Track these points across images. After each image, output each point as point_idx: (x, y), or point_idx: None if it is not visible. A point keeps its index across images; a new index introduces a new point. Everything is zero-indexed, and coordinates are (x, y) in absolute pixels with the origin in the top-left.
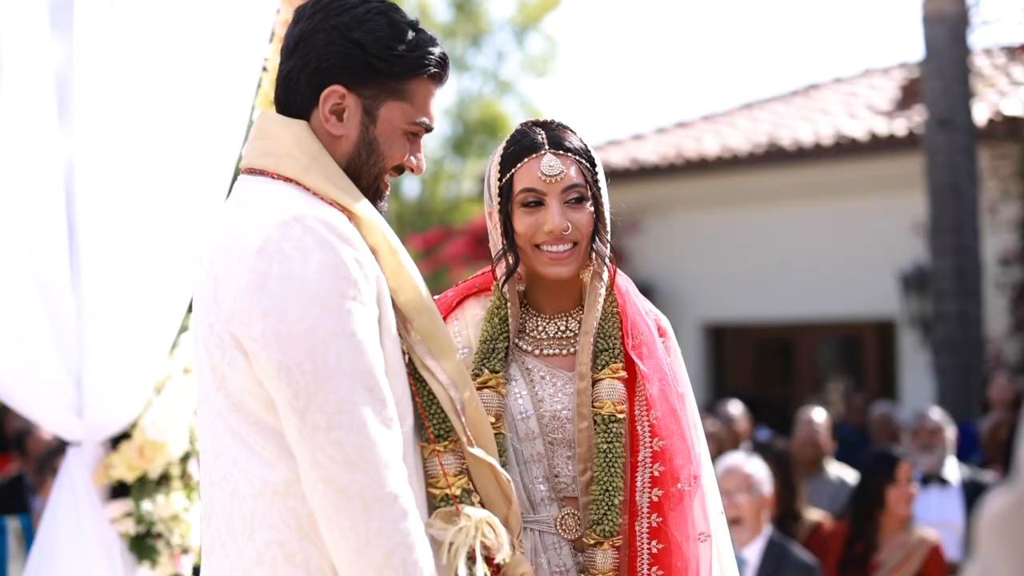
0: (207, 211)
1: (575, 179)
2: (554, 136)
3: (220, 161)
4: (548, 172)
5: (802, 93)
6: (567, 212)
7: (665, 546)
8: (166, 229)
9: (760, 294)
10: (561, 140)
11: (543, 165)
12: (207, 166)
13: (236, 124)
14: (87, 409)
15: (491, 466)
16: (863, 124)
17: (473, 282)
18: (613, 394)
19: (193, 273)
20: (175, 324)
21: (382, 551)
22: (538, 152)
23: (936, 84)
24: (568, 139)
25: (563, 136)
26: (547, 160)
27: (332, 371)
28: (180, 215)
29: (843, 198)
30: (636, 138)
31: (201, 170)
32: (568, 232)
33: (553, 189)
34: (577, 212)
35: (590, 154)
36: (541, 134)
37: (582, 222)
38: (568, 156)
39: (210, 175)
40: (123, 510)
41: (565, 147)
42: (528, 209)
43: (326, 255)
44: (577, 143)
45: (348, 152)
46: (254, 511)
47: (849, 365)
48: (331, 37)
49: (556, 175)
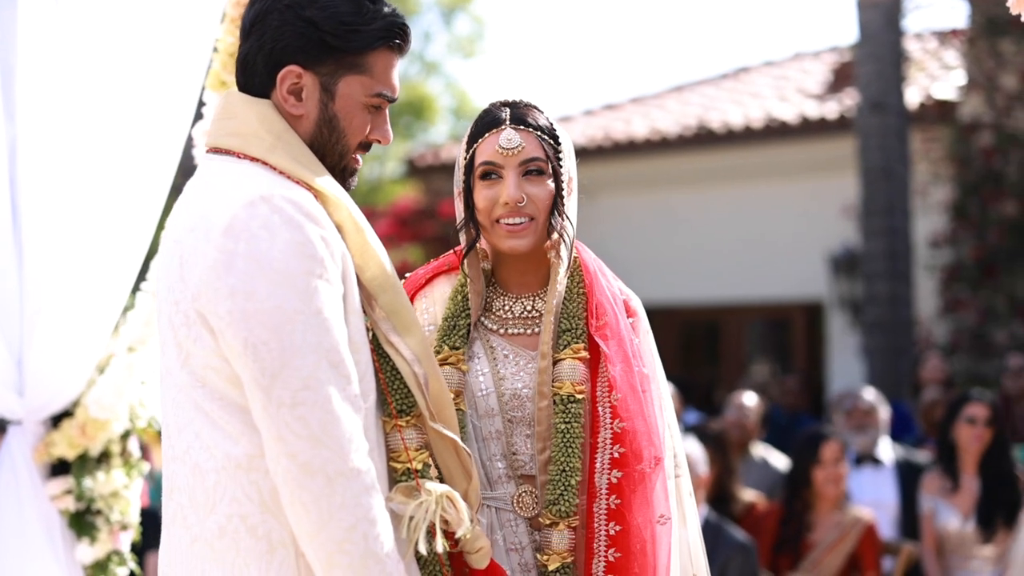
0: (153, 192)
1: (533, 153)
2: (517, 113)
3: (168, 142)
4: (506, 145)
5: (732, 76)
6: (524, 185)
7: (623, 528)
8: (110, 209)
9: (688, 276)
10: (523, 116)
11: (501, 139)
12: (154, 147)
13: (185, 105)
14: (28, 388)
15: (452, 441)
16: (794, 107)
17: (444, 260)
18: (573, 374)
19: (138, 253)
20: (119, 303)
21: (344, 525)
22: (499, 127)
23: (869, 68)
24: (531, 116)
25: (526, 113)
26: (506, 134)
27: (297, 348)
28: (125, 195)
29: (773, 181)
30: (564, 120)
31: (148, 151)
32: (523, 204)
33: (510, 162)
34: (534, 185)
35: (555, 132)
36: (505, 111)
37: (539, 196)
38: (529, 131)
39: (157, 156)
40: (63, 487)
41: (527, 123)
42: (486, 182)
43: (292, 234)
44: (543, 121)
45: (310, 131)
46: (216, 485)
47: (777, 347)
48: (284, 17)
49: (513, 148)
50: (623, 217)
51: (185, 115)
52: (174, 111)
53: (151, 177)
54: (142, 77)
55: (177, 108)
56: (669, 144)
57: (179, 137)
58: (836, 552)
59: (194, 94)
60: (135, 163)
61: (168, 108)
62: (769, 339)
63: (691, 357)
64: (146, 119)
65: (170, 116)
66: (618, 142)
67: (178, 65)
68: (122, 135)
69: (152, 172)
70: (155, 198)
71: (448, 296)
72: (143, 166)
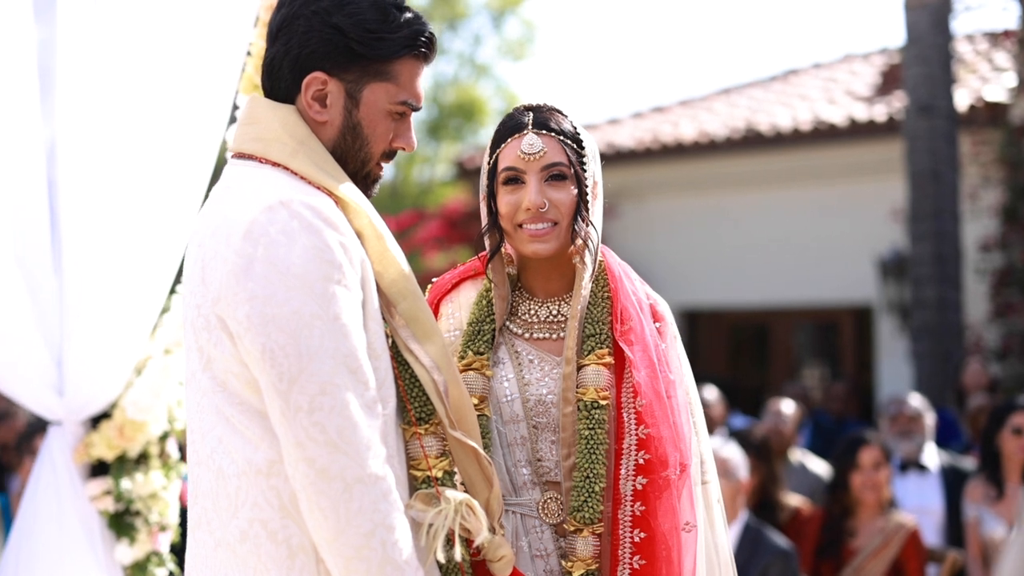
0: (189, 194)
1: (555, 158)
2: (540, 117)
3: (203, 145)
4: (527, 151)
5: (781, 78)
6: (546, 190)
7: (648, 535)
8: (148, 211)
9: (736, 279)
10: (546, 121)
11: (523, 144)
12: (190, 150)
13: (220, 108)
14: (68, 389)
15: (473, 449)
16: (842, 110)
17: (470, 265)
18: (598, 380)
19: (175, 255)
20: (156, 305)
21: (362, 531)
22: (521, 132)
23: (917, 70)
24: (555, 120)
25: (549, 117)
26: (528, 139)
27: (315, 354)
28: (162, 198)
29: (821, 184)
30: (612, 123)
31: (184, 154)
32: (545, 209)
33: (532, 167)
34: (557, 190)
35: (578, 136)
36: (528, 116)
37: (562, 200)
38: (551, 136)
39: (193, 159)
40: (102, 488)
41: (549, 127)
42: (509, 187)
43: (311, 239)
44: (566, 125)
45: (333, 137)
46: (238, 490)
47: (825, 351)
48: (311, 23)
49: (535, 153)
50: (671, 220)
51: (220, 118)
52: (209, 114)
53: (187, 180)
54: (177, 81)
55: (212, 111)
56: (717, 147)
57: (214, 140)
58: (879, 559)
59: (228, 97)
60: (171, 166)
61: (203, 111)
62: (818, 343)
63: (740, 360)
64: (182, 122)
65: (205, 119)
66: (666, 145)
67: (213, 69)
68: (158, 138)
69: (188, 175)
70: (191, 201)
71: (473, 301)
72: (179, 169)
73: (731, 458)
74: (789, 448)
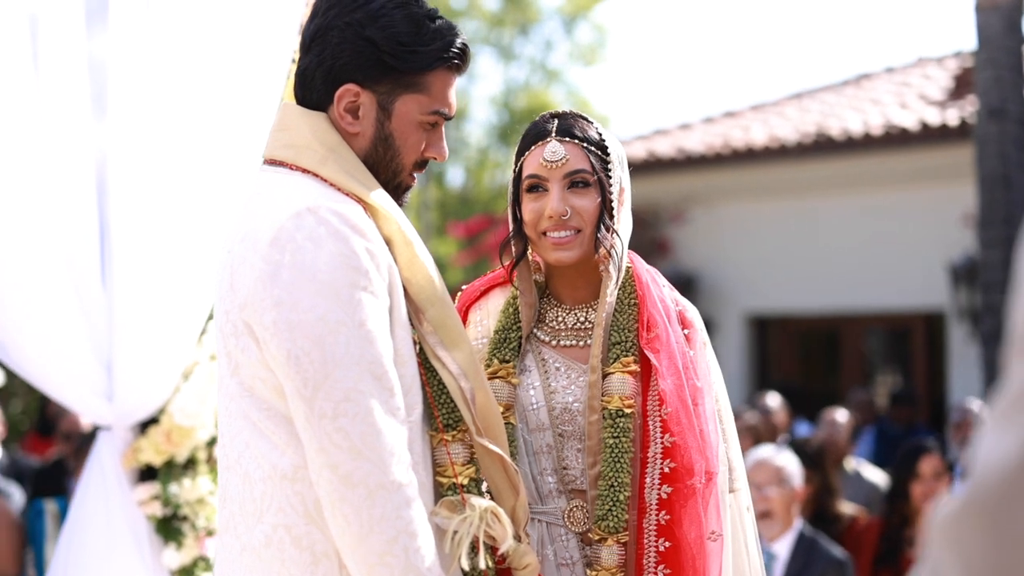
0: (236, 201)
1: (578, 165)
2: (564, 125)
3: (249, 152)
4: (550, 158)
5: (854, 83)
6: (568, 198)
7: (673, 544)
8: (196, 219)
9: (806, 285)
10: (570, 128)
11: (546, 151)
12: (237, 157)
13: (265, 116)
14: (117, 394)
15: (500, 456)
16: (914, 114)
17: (500, 273)
18: (623, 388)
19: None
20: (203, 312)
21: (385, 538)
22: (544, 139)
23: (988, 73)
24: (579, 127)
25: (573, 124)
26: (550, 147)
27: (340, 360)
28: (210, 205)
29: (892, 189)
30: (683, 127)
31: (230, 161)
32: (568, 217)
33: (555, 175)
34: (580, 198)
35: (603, 143)
36: (552, 123)
37: (584, 208)
38: (574, 143)
39: (239, 166)
40: (150, 493)
41: (573, 134)
42: (533, 195)
43: (338, 245)
44: (591, 133)
45: (365, 148)
46: (263, 494)
47: (898, 357)
48: (345, 35)
49: (558, 161)
50: (741, 225)
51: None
52: (255, 122)
53: (234, 187)
54: (225, 89)
55: (258, 118)
56: (788, 152)
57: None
58: None
59: (274, 105)
60: (218, 173)
61: (249, 119)
62: (890, 349)
63: (810, 367)
64: (229, 130)
65: (251, 127)
66: (737, 150)
67: (259, 77)
68: (206, 145)
69: (234, 181)
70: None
71: (500, 309)
72: (226, 176)
73: (786, 466)
74: (844, 457)
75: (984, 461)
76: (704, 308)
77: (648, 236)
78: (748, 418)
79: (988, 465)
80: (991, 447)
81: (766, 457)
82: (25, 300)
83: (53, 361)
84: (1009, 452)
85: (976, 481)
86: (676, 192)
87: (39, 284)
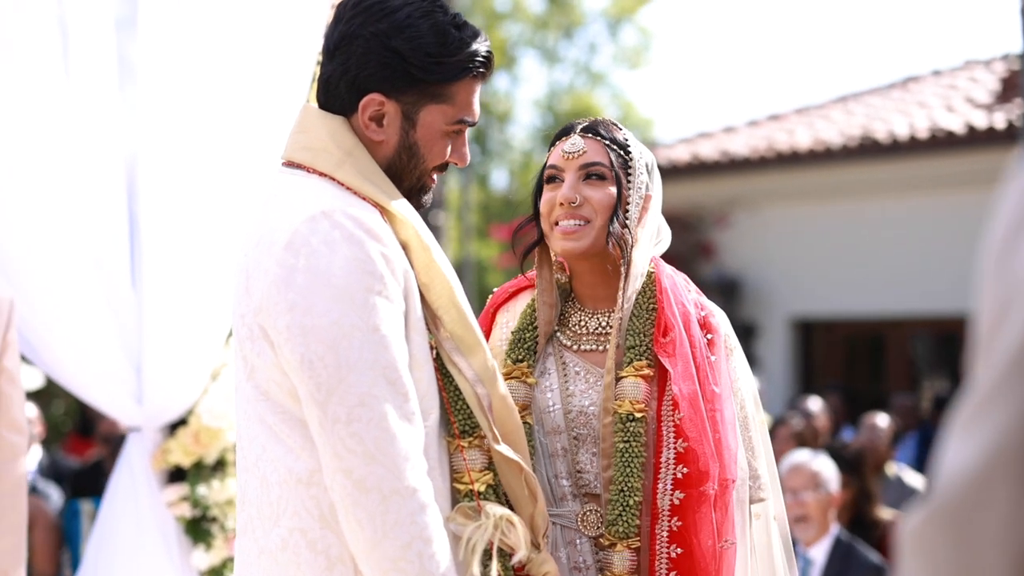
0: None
1: (595, 158)
2: (591, 125)
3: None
4: (568, 149)
5: (900, 86)
6: (582, 187)
7: (685, 550)
8: (225, 220)
9: (852, 289)
10: (595, 127)
11: (567, 144)
12: (266, 159)
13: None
14: (146, 395)
15: (518, 464)
16: (961, 117)
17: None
18: (635, 392)
19: None
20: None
21: (398, 544)
22: (568, 135)
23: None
24: (604, 128)
25: (599, 124)
26: (571, 140)
27: (354, 364)
28: (239, 207)
29: (939, 192)
30: (727, 131)
31: (260, 162)
32: (577, 204)
33: (571, 165)
34: (593, 189)
35: (626, 146)
36: (581, 123)
37: (596, 199)
38: (596, 140)
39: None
40: (179, 494)
41: (597, 132)
42: (549, 186)
43: (352, 250)
44: (617, 135)
45: (389, 156)
46: (279, 498)
47: (944, 362)
48: (370, 45)
49: (575, 152)
50: (786, 228)
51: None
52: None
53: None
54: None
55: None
56: (833, 155)
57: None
58: None
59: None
60: (248, 173)
61: (277, 119)
62: (938, 353)
63: (855, 372)
64: (257, 130)
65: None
66: (781, 153)
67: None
68: (235, 146)
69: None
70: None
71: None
72: (256, 176)
73: (821, 471)
74: (885, 462)
75: (948, 468)
76: (748, 312)
77: (692, 239)
78: (794, 424)
79: (951, 472)
80: (954, 454)
81: (802, 462)
82: (56, 302)
83: (83, 363)
84: (971, 459)
85: (940, 488)
86: (720, 195)
87: (69, 286)
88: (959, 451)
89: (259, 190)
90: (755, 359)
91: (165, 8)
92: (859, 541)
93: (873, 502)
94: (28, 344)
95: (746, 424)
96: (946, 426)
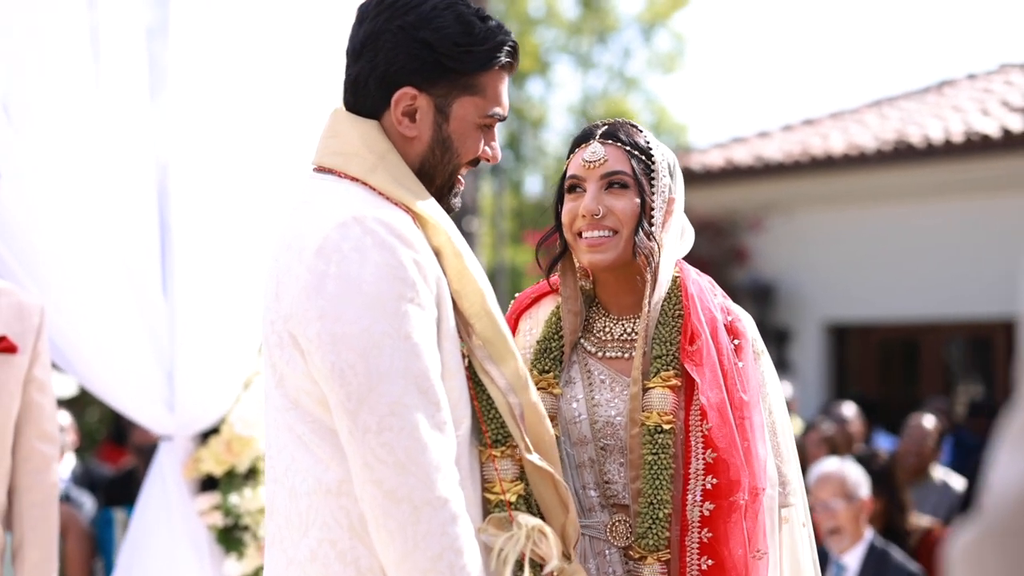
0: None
1: (617, 166)
2: (610, 129)
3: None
4: (589, 158)
5: (935, 89)
6: (604, 198)
7: (716, 562)
8: (257, 228)
9: (886, 293)
10: (615, 132)
11: (587, 152)
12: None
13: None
14: (178, 404)
15: (550, 474)
16: (996, 121)
17: (553, 281)
18: (663, 404)
19: None
20: None
21: (429, 555)
22: (588, 141)
23: None
24: (624, 132)
25: (618, 129)
26: (592, 148)
27: (385, 373)
28: (269, 213)
29: (974, 196)
30: (762, 135)
31: (292, 169)
32: (601, 216)
33: (592, 174)
34: (616, 199)
35: (648, 151)
36: (601, 128)
37: (621, 209)
38: (617, 146)
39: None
40: (211, 503)
41: (617, 138)
42: (571, 196)
43: (384, 256)
44: (638, 139)
45: (422, 152)
46: (308, 508)
47: (978, 367)
48: (398, 39)
49: (596, 160)
50: (820, 233)
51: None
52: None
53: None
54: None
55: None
56: (867, 159)
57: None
58: None
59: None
60: (280, 180)
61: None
62: (972, 359)
63: (889, 377)
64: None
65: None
66: (816, 157)
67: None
68: (267, 153)
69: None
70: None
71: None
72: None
73: (850, 478)
74: (930, 465)
75: (998, 485)
76: (782, 316)
77: (726, 244)
78: (825, 429)
79: (1002, 490)
80: (1004, 470)
81: (830, 471)
82: (87, 311)
83: (115, 371)
84: (1022, 476)
85: (991, 506)
86: (754, 200)
87: (101, 295)
88: (1009, 467)
89: (290, 196)
90: (789, 364)
91: (196, 15)
92: (894, 547)
93: (905, 514)
94: (60, 352)
95: (774, 429)
96: (991, 438)
